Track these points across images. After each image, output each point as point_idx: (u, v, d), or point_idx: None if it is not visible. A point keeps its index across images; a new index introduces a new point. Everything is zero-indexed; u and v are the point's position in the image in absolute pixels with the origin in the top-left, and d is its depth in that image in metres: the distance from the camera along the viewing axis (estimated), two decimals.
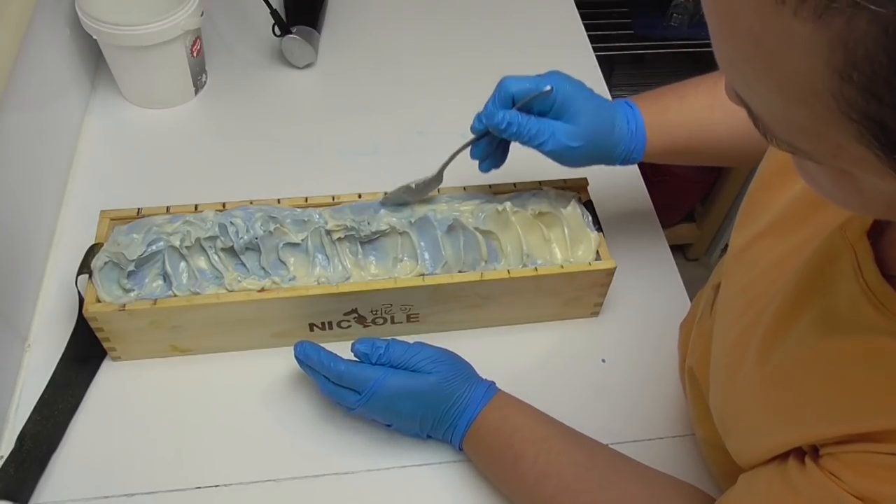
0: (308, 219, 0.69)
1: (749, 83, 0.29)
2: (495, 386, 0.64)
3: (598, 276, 0.71)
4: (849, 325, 0.41)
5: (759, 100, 0.30)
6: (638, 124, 0.65)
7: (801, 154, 0.31)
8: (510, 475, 0.61)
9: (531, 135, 0.62)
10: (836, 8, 0.23)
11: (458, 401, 0.62)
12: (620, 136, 0.65)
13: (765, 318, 0.48)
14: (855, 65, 0.24)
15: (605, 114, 0.64)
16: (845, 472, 0.40)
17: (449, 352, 0.64)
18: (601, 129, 0.63)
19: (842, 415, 0.40)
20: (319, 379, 0.63)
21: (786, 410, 0.45)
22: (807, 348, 0.43)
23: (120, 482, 0.64)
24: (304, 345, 0.63)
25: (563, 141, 0.62)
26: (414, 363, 0.62)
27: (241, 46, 1.01)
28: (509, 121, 0.62)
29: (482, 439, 0.62)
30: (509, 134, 0.63)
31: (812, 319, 0.43)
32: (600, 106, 0.64)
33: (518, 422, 0.61)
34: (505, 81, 0.64)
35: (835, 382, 0.41)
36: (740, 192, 1.75)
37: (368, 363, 0.62)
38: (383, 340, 0.63)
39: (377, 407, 0.61)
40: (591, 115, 0.63)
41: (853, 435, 0.39)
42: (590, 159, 0.65)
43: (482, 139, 0.66)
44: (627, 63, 1.76)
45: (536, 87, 0.62)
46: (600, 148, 0.64)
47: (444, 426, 0.63)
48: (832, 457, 0.41)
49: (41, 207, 0.79)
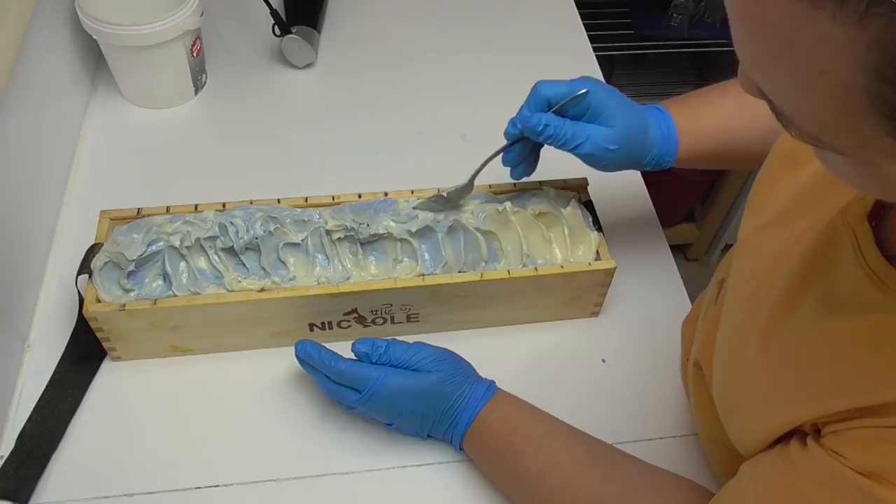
0: (308, 219, 0.69)
1: (776, 82, 0.30)
2: (495, 385, 0.64)
3: (598, 276, 0.71)
4: (851, 305, 0.41)
5: (786, 97, 0.30)
6: (670, 129, 0.66)
7: (826, 147, 0.32)
8: (511, 472, 0.61)
9: (567, 137, 0.63)
10: (877, 12, 0.24)
11: (458, 400, 0.62)
12: (653, 141, 0.65)
13: (768, 302, 0.48)
14: (892, 64, 0.25)
15: (639, 118, 0.64)
16: (848, 448, 0.40)
17: (449, 351, 0.64)
18: (635, 133, 0.64)
19: (845, 390, 0.41)
20: (320, 377, 0.63)
21: (789, 389, 0.45)
22: (810, 329, 0.44)
23: (120, 482, 0.64)
24: (305, 343, 0.63)
25: (599, 143, 0.63)
26: (414, 362, 0.62)
27: (241, 46, 1.01)
28: (546, 123, 0.62)
29: (482, 438, 0.62)
30: (546, 137, 0.63)
31: (814, 302, 0.44)
32: (633, 110, 0.64)
33: (518, 419, 0.62)
34: (539, 85, 0.64)
35: (838, 360, 0.42)
36: (740, 192, 1.75)
37: (369, 362, 0.62)
38: (384, 340, 0.63)
39: (377, 406, 0.62)
40: (625, 118, 0.63)
41: (856, 409, 0.40)
42: (623, 163, 0.66)
43: (515, 145, 0.66)
44: (627, 63, 1.76)
45: (572, 90, 0.63)
46: (634, 152, 0.65)
47: (444, 425, 0.63)
48: (835, 435, 0.41)
49: (41, 207, 0.79)
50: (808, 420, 0.43)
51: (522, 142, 0.66)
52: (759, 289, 0.51)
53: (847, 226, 0.43)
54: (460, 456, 0.66)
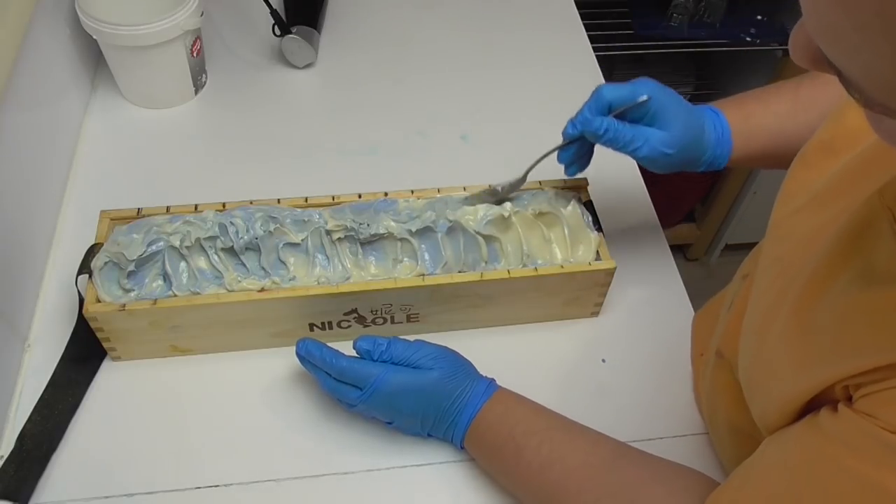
0: (308, 219, 0.69)
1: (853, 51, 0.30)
2: (495, 383, 0.65)
3: (598, 276, 0.71)
4: (890, 276, 0.41)
5: (861, 66, 0.30)
6: (724, 130, 0.66)
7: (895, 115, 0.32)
8: (513, 466, 0.61)
9: (626, 141, 0.64)
10: None
11: (459, 397, 0.62)
12: (708, 143, 0.66)
13: (800, 280, 0.48)
14: None
15: (696, 121, 0.65)
16: (882, 408, 0.39)
17: (450, 349, 0.64)
18: (692, 136, 0.65)
19: (880, 348, 0.40)
20: (321, 375, 0.63)
21: (820, 353, 0.45)
22: (845, 301, 0.43)
23: (120, 482, 0.64)
24: (307, 341, 0.63)
25: (657, 147, 0.64)
26: (415, 360, 0.62)
27: (241, 46, 1.01)
28: (606, 127, 0.63)
29: (484, 435, 0.62)
30: (605, 140, 0.64)
31: (850, 277, 0.44)
32: (691, 113, 0.65)
33: (519, 414, 0.62)
34: (602, 89, 0.65)
35: (874, 325, 0.41)
36: (740, 192, 1.76)
37: (370, 360, 0.62)
38: (385, 338, 0.63)
39: (378, 404, 0.62)
40: (683, 122, 0.64)
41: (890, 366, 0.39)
42: (679, 165, 0.66)
43: (571, 144, 0.67)
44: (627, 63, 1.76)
45: (633, 96, 0.64)
46: (690, 154, 0.65)
47: (444, 423, 0.63)
48: (867, 398, 0.41)
49: (41, 207, 0.79)
50: (840, 379, 0.42)
51: (579, 141, 0.67)
52: (789, 267, 0.51)
53: (884, 205, 0.42)
54: (460, 455, 0.66)
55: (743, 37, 1.53)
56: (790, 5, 1.52)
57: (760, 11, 1.56)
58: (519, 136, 0.92)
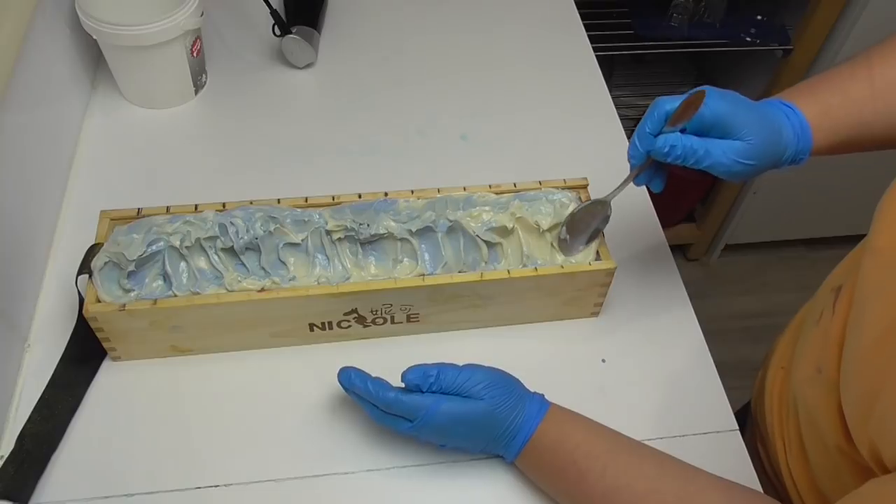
0: (308, 219, 0.69)
1: None
2: (545, 399, 0.64)
3: (598, 276, 0.71)
4: None
5: None
6: (802, 126, 0.62)
7: None
8: (575, 490, 0.60)
9: (698, 157, 0.59)
10: None
11: (511, 423, 0.61)
12: (788, 142, 0.62)
13: None
14: None
15: (771, 124, 0.61)
16: None
17: (499, 371, 0.63)
18: (771, 142, 0.61)
19: None
20: (367, 406, 0.62)
21: None
22: None
23: (120, 482, 0.64)
24: (349, 371, 0.61)
25: (734, 159, 0.59)
26: (466, 389, 0.60)
27: (241, 46, 1.01)
28: (672, 144, 0.59)
29: (541, 457, 0.61)
30: (674, 158, 0.59)
31: None
32: (764, 116, 0.61)
33: (579, 437, 0.60)
34: (659, 101, 0.61)
35: None
36: (740, 191, 1.76)
37: (419, 392, 0.60)
38: (434, 367, 0.61)
39: (429, 433, 0.61)
40: (758, 128, 0.60)
41: None
42: (760, 171, 0.62)
43: (644, 165, 0.63)
44: (627, 63, 1.77)
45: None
46: (771, 159, 0.62)
47: (498, 447, 0.63)
48: None
49: (41, 207, 0.79)
50: None
51: (650, 161, 0.63)
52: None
53: None
54: (461, 456, 0.66)
55: (743, 37, 1.53)
56: (790, 5, 1.52)
57: (760, 11, 1.56)
58: (519, 136, 0.92)
